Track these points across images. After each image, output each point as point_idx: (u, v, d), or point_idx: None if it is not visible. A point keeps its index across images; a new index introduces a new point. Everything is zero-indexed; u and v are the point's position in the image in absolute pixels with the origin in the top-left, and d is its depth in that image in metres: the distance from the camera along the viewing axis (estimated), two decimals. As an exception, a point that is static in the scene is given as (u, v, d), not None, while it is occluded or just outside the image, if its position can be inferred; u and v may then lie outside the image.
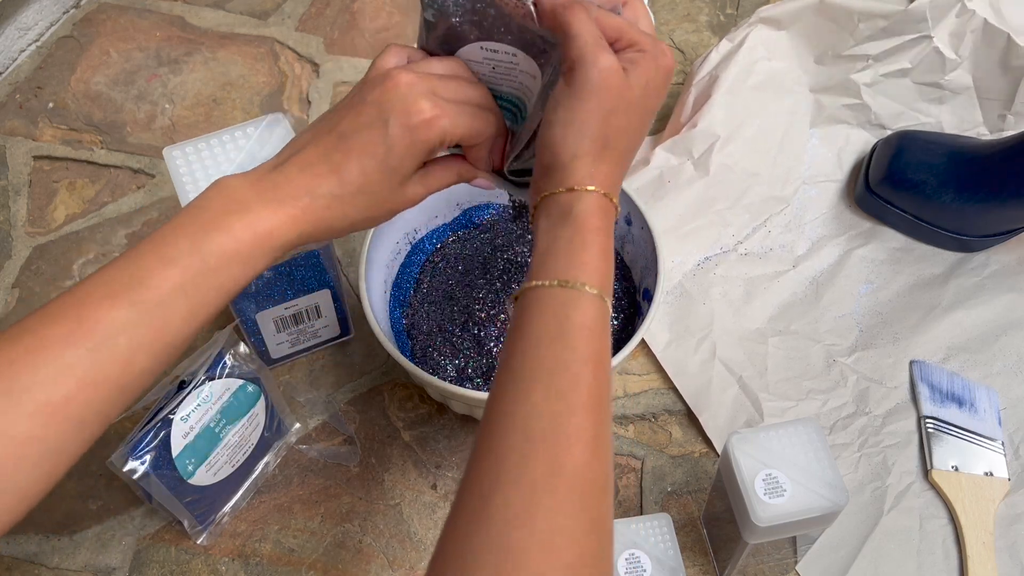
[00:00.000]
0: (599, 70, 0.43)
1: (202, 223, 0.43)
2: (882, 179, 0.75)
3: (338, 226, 0.47)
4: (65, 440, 0.39)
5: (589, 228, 0.42)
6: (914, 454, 0.65)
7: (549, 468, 0.36)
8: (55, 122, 0.88)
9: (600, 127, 0.43)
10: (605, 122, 0.43)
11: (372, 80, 0.47)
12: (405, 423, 0.70)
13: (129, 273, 0.41)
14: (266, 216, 0.44)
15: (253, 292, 0.63)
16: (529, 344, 0.40)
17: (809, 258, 0.76)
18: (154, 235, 0.43)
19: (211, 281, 0.43)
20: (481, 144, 0.50)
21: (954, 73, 0.75)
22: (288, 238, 0.45)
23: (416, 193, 0.49)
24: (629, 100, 0.44)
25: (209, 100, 0.89)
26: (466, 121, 0.47)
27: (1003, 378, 0.69)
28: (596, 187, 0.43)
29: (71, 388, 0.38)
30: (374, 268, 0.66)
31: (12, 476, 0.37)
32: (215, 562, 0.64)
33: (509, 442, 0.37)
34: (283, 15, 0.96)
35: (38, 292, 0.77)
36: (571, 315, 0.40)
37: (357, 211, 0.47)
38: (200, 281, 0.42)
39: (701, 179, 0.76)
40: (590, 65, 0.43)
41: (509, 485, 0.36)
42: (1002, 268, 0.74)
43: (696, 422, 0.68)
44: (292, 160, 0.46)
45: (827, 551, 0.61)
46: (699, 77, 0.80)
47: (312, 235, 0.46)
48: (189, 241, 0.42)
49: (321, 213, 0.45)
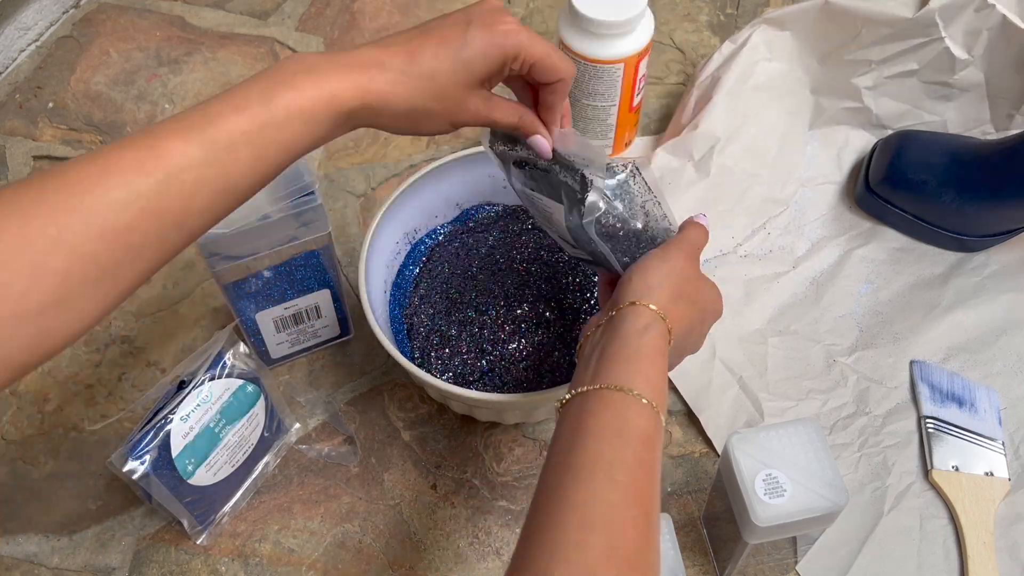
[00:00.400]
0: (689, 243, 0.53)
1: (273, 80, 0.44)
2: (882, 179, 0.75)
3: (401, 107, 0.47)
4: (122, 266, 0.40)
5: (657, 350, 0.47)
6: (914, 454, 0.65)
7: (605, 553, 0.38)
8: (55, 122, 0.88)
9: (679, 281, 0.51)
10: (683, 279, 0.51)
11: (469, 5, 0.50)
12: (405, 423, 0.70)
13: (202, 115, 0.42)
14: (335, 78, 0.44)
15: (253, 292, 0.63)
16: (590, 439, 0.42)
17: (809, 259, 0.76)
18: (231, 88, 0.44)
19: (276, 135, 0.43)
20: (554, 88, 0.51)
21: (964, 72, 0.75)
22: (352, 104, 0.45)
23: (477, 109, 0.50)
24: (697, 284, 0.52)
25: (209, 100, 0.89)
26: (544, 46, 0.49)
27: (1003, 378, 0.69)
28: (668, 320, 0.48)
29: (134, 216, 0.39)
30: (374, 268, 0.66)
31: (78, 290, 0.38)
32: (215, 562, 0.64)
33: (566, 525, 0.39)
34: (283, 15, 0.95)
35: (38, 292, 0.77)
36: (631, 419, 0.43)
37: (421, 96, 0.47)
38: (266, 132, 0.43)
39: (702, 181, 0.76)
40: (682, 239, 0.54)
41: (566, 564, 0.38)
42: (1002, 268, 0.74)
43: (696, 422, 0.68)
44: (372, 43, 0.48)
45: (827, 551, 0.61)
46: (701, 79, 0.80)
47: (374, 108, 0.46)
48: (259, 94, 0.43)
49: (387, 87, 0.46)
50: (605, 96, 0.75)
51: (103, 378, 0.72)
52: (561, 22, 0.73)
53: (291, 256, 0.62)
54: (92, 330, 0.74)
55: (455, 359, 0.66)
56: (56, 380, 0.72)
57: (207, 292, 0.76)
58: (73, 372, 0.72)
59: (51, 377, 0.72)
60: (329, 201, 0.81)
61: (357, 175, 0.83)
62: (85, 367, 0.73)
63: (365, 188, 0.83)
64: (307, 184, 0.57)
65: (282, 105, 0.43)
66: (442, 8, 0.95)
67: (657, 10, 0.93)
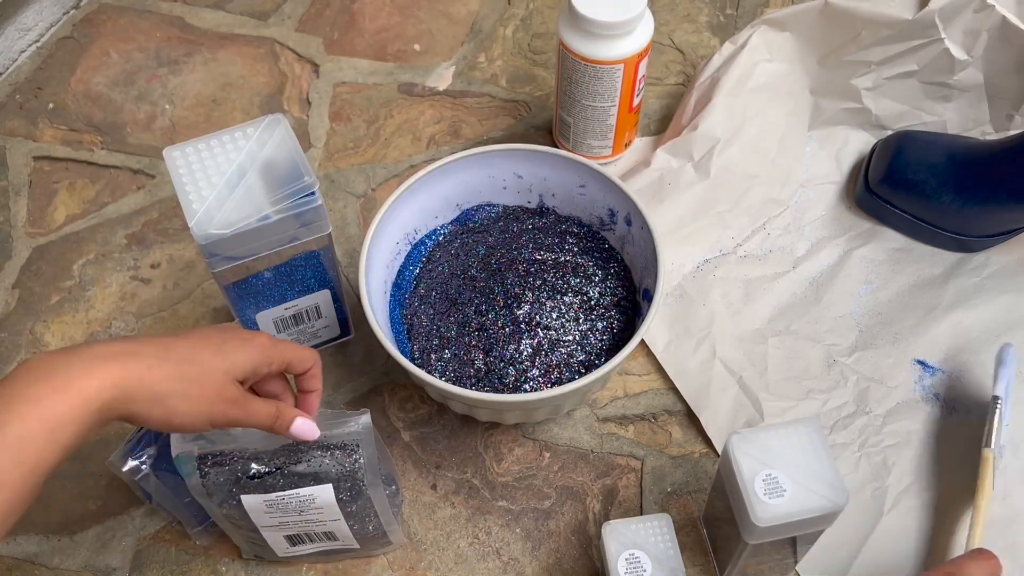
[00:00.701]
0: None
1: (9, 395, 0.41)
2: (881, 179, 0.75)
3: (158, 388, 0.45)
4: None
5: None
6: (914, 454, 0.65)
7: None
8: (55, 123, 0.88)
9: None
10: None
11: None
12: (405, 423, 0.70)
13: None
14: (80, 376, 0.42)
15: (253, 292, 0.63)
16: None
17: (809, 259, 0.76)
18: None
19: (13, 457, 0.40)
20: (312, 373, 0.54)
21: (964, 73, 0.75)
22: (104, 397, 0.42)
23: (235, 397, 0.48)
24: None
25: (209, 101, 0.89)
26: (290, 347, 0.52)
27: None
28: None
29: None
30: (374, 268, 0.66)
31: None
32: (215, 562, 0.64)
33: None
34: (283, 15, 0.96)
35: (38, 293, 0.77)
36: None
37: (179, 378, 0.46)
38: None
39: (701, 181, 0.76)
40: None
41: None
42: (1002, 268, 0.74)
43: (696, 422, 0.68)
44: (120, 338, 0.48)
45: (827, 551, 0.61)
46: (701, 80, 0.80)
47: (128, 394, 0.44)
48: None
49: (143, 370, 0.44)
50: (605, 97, 0.75)
51: (103, 378, 0.72)
52: (561, 22, 0.73)
53: (291, 256, 0.62)
54: (93, 330, 0.75)
55: (455, 360, 0.66)
56: (56, 380, 0.72)
57: (207, 292, 0.76)
58: (73, 372, 0.72)
59: (51, 377, 0.72)
60: (329, 202, 0.82)
61: (357, 176, 0.84)
62: (85, 367, 0.73)
63: (365, 189, 0.83)
64: (307, 185, 0.57)
65: (16, 424, 0.40)
66: (442, 9, 0.95)
67: (657, 11, 0.93)
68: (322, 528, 0.58)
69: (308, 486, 0.55)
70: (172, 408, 0.46)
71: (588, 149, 0.81)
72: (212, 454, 0.54)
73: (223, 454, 0.54)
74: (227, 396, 0.48)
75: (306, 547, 0.60)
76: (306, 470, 0.54)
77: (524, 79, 0.90)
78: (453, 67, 0.91)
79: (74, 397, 0.41)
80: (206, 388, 0.47)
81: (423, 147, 0.85)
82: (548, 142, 0.85)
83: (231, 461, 0.54)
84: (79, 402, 0.41)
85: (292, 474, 0.54)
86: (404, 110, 0.88)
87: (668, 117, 0.86)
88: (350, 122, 0.87)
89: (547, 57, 0.92)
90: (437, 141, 0.86)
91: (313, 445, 0.55)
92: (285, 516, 0.56)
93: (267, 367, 0.50)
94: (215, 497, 0.55)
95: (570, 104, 0.77)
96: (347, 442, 0.55)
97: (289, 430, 0.52)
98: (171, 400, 0.45)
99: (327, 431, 0.55)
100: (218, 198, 0.56)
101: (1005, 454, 0.65)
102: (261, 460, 0.55)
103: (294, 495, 0.55)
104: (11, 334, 0.75)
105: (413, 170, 0.83)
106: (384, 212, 0.67)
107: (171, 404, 0.45)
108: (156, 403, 0.45)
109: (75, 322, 0.75)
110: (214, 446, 0.54)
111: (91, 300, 0.76)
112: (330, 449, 0.55)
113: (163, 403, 0.45)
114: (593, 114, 0.77)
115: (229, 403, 0.48)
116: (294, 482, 0.55)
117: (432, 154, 0.85)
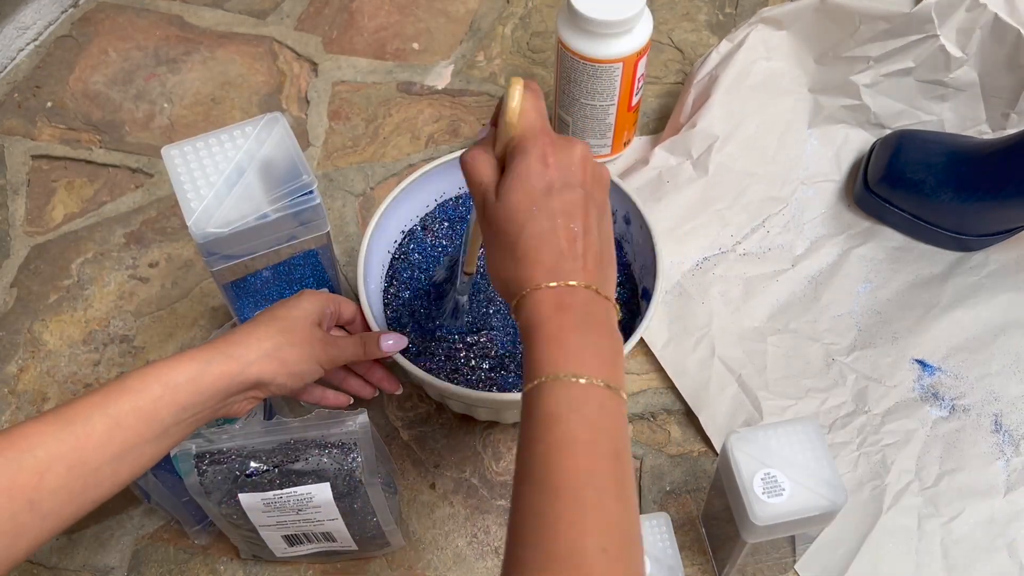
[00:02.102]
0: (488, 207, 0.46)
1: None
2: (881, 178, 0.75)
3: (266, 344, 0.53)
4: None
5: (590, 319, 0.43)
6: (913, 453, 0.65)
7: (598, 552, 0.37)
8: (53, 121, 0.88)
9: (516, 242, 0.44)
10: (521, 234, 0.44)
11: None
12: (404, 422, 0.69)
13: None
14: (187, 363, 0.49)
15: (252, 291, 0.63)
16: (564, 453, 0.39)
17: (808, 257, 0.76)
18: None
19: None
20: (356, 325, 0.62)
21: (959, 71, 0.75)
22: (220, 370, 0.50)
23: (324, 339, 0.56)
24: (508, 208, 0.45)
25: (207, 99, 0.89)
26: (338, 296, 0.62)
27: (1001, 377, 0.69)
28: (582, 280, 0.44)
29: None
30: (373, 267, 0.66)
31: None
32: (213, 562, 0.64)
33: (554, 534, 0.37)
34: (281, 14, 0.95)
35: (36, 291, 0.77)
36: (600, 417, 0.40)
37: (281, 334, 0.53)
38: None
39: (700, 179, 0.76)
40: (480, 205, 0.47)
41: (559, 563, 0.36)
42: (1001, 267, 0.74)
43: (695, 421, 0.68)
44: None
45: (826, 550, 0.61)
46: (699, 77, 0.80)
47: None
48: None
49: (245, 336, 0.53)
50: (604, 95, 0.75)
51: (102, 377, 0.72)
52: (560, 21, 0.73)
53: (290, 255, 0.62)
54: (91, 329, 0.74)
55: (454, 358, 0.66)
56: (55, 379, 0.72)
57: (206, 291, 0.76)
58: (72, 371, 0.72)
59: (50, 376, 0.72)
60: (328, 200, 0.81)
61: (356, 174, 0.83)
62: (84, 366, 0.73)
63: (364, 187, 0.83)
64: (306, 183, 0.57)
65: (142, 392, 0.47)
66: (441, 7, 0.95)
67: (656, 9, 0.93)
68: (320, 528, 0.58)
69: (306, 484, 0.55)
70: (285, 358, 0.52)
71: (587, 148, 0.80)
72: (210, 452, 0.54)
73: (221, 452, 0.54)
74: (318, 337, 0.55)
75: (304, 548, 0.60)
76: (304, 468, 0.54)
77: (523, 78, 0.90)
78: (452, 66, 0.91)
79: (189, 361, 0.49)
80: (301, 334, 0.54)
81: (422, 146, 0.85)
82: (547, 141, 0.85)
83: (229, 460, 0.54)
84: (193, 367, 0.48)
85: (290, 472, 0.54)
86: (403, 109, 0.88)
87: (667, 116, 0.86)
88: (349, 121, 0.87)
89: (546, 56, 0.92)
90: (436, 140, 0.86)
91: (311, 443, 0.55)
92: (283, 515, 0.56)
93: (330, 307, 0.58)
94: (213, 496, 0.55)
95: (569, 103, 0.77)
96: (345, 441, 0.55)
97: (380, 347, 0.58)
98: (281, 352, 0.52)
99: (325, 430, 0.55)
100: (216, 197, 0.56)
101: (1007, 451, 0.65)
102: (259, 458, 0.55)
103: (291, 493, 0.55)
104: (9, 333, 0.75)
105: (412, 169, 0.83)
106: (382, 211, 0.66)
107: (283, 355, 0.52)
108: (270, 358, 0.51)
109: (73, 321, 0.75)
110: (212, 445, 0.54)
111: (89, 299, 0.76)
112: (328, 448, 0.55)
113: (276, 356, 0.52)
114: (592, 113, 0.77)
115: (323, 343, 0.55)
116: (292, 480, 0.55)
117: (431, 153, 0.85)
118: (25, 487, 0.41)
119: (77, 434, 0.43)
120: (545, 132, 0.46)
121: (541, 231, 0.43)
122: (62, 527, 0.43)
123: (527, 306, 0.43)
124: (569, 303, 0.42)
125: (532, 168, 0.44)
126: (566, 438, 0.39)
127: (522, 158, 0.44)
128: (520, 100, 0.45)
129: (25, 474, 0.41)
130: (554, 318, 0.42)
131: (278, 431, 0.55)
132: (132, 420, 0.45)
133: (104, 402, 0.45)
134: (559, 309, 0.42)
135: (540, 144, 0.45)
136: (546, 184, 0.44)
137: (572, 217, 0.44)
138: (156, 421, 0.46)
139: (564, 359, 0.41)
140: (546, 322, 0.42)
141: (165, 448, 0.48)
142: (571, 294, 0.43)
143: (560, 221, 0.44)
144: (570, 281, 0.43)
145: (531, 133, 0.45)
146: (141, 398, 0.46)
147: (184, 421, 0.48)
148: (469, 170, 0.47)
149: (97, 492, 0.44)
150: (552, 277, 0.43)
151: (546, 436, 0.39)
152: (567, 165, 0.45)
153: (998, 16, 0.71)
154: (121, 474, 0.45)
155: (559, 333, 0.42)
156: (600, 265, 0.44)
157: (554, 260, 0.43)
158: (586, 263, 0.44)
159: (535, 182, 0.44)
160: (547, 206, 0.44)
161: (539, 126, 0.46)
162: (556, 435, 0.39)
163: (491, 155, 0.47)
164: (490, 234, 0.45)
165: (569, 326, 0.42)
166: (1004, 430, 0.66)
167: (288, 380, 0.53)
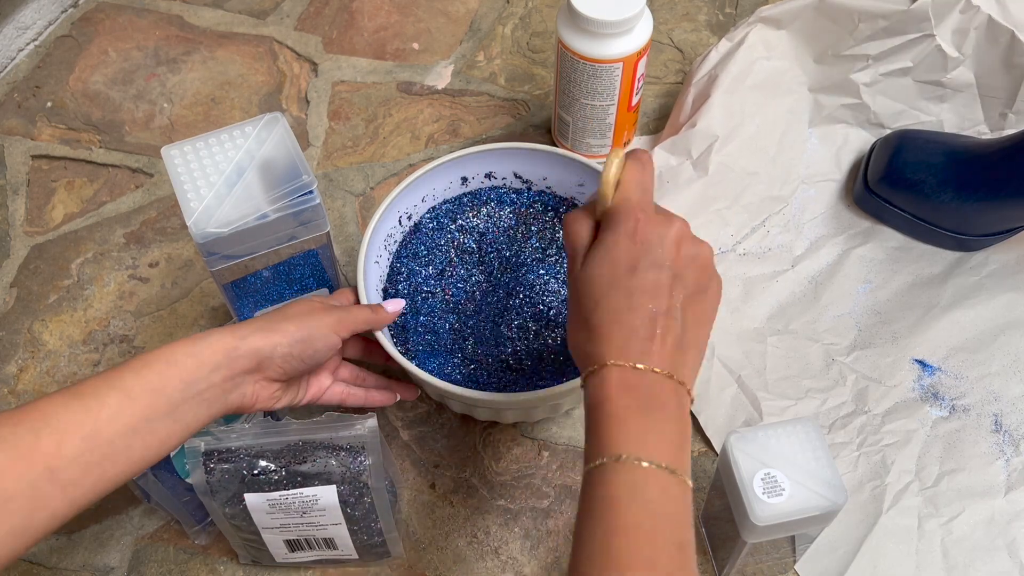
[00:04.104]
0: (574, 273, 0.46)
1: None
2: (881, 178, 0.75)
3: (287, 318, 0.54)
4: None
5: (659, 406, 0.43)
6: (913, 453, 0.65)
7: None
8: (53, 121, 0.88)
9: (591, 315, 0.44)
10: (596, 308, 0.44)
11: None
12: (404, 422, 0.69)
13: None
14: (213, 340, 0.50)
15: (252, 291, 0.63)
16: (626, 538, 0.39)
17: (808, 257, 0.76)
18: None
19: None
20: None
21: (956, 71, 0.75)
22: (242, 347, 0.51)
23: (338, 308, 0.58)
24: (594, 280, 0.45)
25: (207, 99, 0.89)
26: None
27: (1001, 377, 0.69)
28: (666, 371, 0.43)
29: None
30: (372, 267, 0.66)
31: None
32: (213, 562, 0.64)
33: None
34: (282, 14, 0.95)
35: (36, 291, 0.77)
36: (662, 503, 0.40)
37: (290, 305, 0.56)
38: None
39: (700, 179, 0.76)
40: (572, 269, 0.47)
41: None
42: (1001, 267, 0.74)
43: (695, 421, 0.68)
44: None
45: (826, 550, 0.61)
46: (698, 77, 0.80)
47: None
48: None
49: (255, 321, 0.54)
50: (603, 95, 0.75)
51: (102, 377, 0.72)
52: (559, 21, 0.73)
53: (290, 255, 0.62)
54: (91, 329, 0.74)
55: (453, 358, 0.66)
56: (55, 380, 0.72)
57: (206, 291, 0.76)
58: (72, 371, 0.72)
59: (49, 376, 0.72)
60: (328, 200, 0.81)
61: (355, 174, 0.83)
62: (84, 366, 0.73)
63: (364, 187, 0.83)
64: (306, 183, 0.57)
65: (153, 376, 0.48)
66: (441, 7, 0.95)
67: (656, 9, 0.93)
68: (322, 533, 0.58)
69: (312, 486, 0.55)
70: (285, 328, 0.52)
71: (587, 148, 0.81)
72: (218, 451, 0.54)
73: (229, 451, 0.54)
74: (325, 307, 0.56)
75: (305, 554, 0.60)
76: (311, 470, 0.54)
77: (523, 78, 0.90)
78: (452, 66, 0.91)
79: (190, 340, 0.49)
80: (301, 307, 0.55)
81: (422, 146, 0.85)
82: (547, 141, 0.85)
83: (237, 458, 0.54)
84: (193, 343, 0.49)
85: (297, 473, 0.54)
86: (403, 109, 0.88)
87: (667, 116, 0.86)
88: (349, 121, 0.87)
89: (546, 56, 0.92)
90: (436, 140, 0.86)
91: (319, 445, 0.55)
92: (287, 517, 0.56)
93: (337, 301, 0.61)
94: (219, 495, 0.55)
95: (569, 103, 0.77)
96: (353, 444, 0.55)
97: (386, 309, 0.60)
98: (280, 324, 0.52)
99: (333, 432, 0.55)
100: (216, 197, 0.56)
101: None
102: (267, 458, 0.55)
103: (297, 495, 0.55)
104: (9, 333, 0.75)
105: (412, 169, 0.83)
106: (382, 211, 0.66)
107: (282, 327, 0.52)
108: (267, 331, 0.52)
109: (73, 321, 0.75)
110: (220, 443, 0.54)
111: (89, 299, 0.76)
112: (336, 450, 0.55)
113: (275, 328, 0.52)
114: (592, 113, 0.77)
115: (331, 310, 0.56)
116: (298, 482, 0.55)
117: (431, 153, 0.85)
118: (45, 454, 0.41)
119: (89, 406, 0.44)
120: (641, 207, 0.45)
121: (617, 308, 0.43)
122: (83, 500, 0.43)
123: (593, 382, 0.43)
124: (635, 384, 0.42)
125: (619, 243, 0.44)
126: (627, 524, 0.39)
127: (612, 231, 0.44)
128: (616, 172, 0.45)
129: (43, 441, 0.41)
130: (618, 398, 0.42)
131: (286, 431, 0.55)
132: (140, 392, 0.46)
133: (113, 377, 0.46)
134: (624, 389, 0.42)
135: (632, 219, 0.44)
136: (631, 261, 0.44)
137: (654, 298, 0.43)
138: (163, 395, 0.46)
139: (626, 440, 0.40)
140: (609, 401, 0.42)
141: (178, 431, 0.48)
142: (638, 376, 0.42)
143: (638, 300, 0.43)
144: (639, 363, 0.42)
145: (626, 207, 0.45)
146: (148, 371, 0.47)
147: (192, 399, 0.48)
148: (566, 231, 0.47)
149: (113, 468, 0.44)
150: (621, 356, 0.42)
151: (606, 519, 0.39)
152: (657, 244, 0.44)
153: (991, 17, 0.72)
154: (135, 449, 0.45)
155: (622, 413, 0.41)
156: (680, 349, 0.44)
157: (625, 339, 0.43)
158: (663, 346, 0.43)
159: (620, 257, 0.44)
160: (628, 283, 0.43)
161: (635, 199, 0.45)
162: (617, 520, 0.39)
163: (590, 220, 0.47)
164: (572, 299, 0.46)
165: (633, 407, 0.41)
166: (1004, 430, 0.66)
167: (292, 348, 0.52)
